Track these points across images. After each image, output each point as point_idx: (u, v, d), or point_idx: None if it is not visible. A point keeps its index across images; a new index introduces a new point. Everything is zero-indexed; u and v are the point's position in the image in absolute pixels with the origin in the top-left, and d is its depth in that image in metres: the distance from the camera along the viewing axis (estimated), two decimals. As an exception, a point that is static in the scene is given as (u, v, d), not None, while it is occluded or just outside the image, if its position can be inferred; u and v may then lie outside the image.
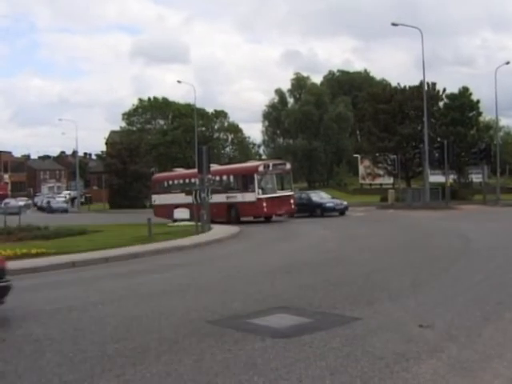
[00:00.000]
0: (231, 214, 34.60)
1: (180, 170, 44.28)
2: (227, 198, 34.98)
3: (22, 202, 72.82)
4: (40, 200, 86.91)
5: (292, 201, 35.40)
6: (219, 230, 26.40)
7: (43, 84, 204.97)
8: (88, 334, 8.06)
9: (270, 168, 35.25)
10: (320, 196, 40.57)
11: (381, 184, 68.88)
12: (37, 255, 17.44)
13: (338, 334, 7.58)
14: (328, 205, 38.14)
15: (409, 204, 43.83)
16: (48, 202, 76.19)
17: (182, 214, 32.69)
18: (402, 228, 26.30)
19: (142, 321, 8.73)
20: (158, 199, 41.15)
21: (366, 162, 67.46)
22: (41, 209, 77.40)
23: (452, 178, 51.53)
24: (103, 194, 76.14)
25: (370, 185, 73.02)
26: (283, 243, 21.79)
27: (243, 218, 34.21)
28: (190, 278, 13.49)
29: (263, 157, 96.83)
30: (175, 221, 32.41)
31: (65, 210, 70.44)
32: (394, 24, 43.47)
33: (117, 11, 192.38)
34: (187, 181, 38.38)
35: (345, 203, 39.03)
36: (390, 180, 63.68)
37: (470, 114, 56.32)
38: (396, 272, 13.00)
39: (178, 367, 6.38)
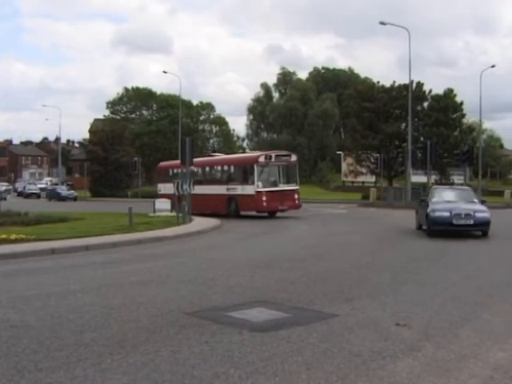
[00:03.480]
0: (231, 208, 32.53)
1: None
2: (227, 189, 32.93)
3: (2, 187, 72.20)
4: (21, 186, 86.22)
5: (296, 196, 32.54)
6: (200, 222, 26.37)
7: (26, 69, 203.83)
8: (66, 321, 8.03)
9: (273, 159, 32.49)
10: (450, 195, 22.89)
11: (363, 182, 69.13)
12: (16, 241, 17.33)
13: (316, 329, 7.61)
14: (437, 214, 20.42)
15: (390, 203, 44.02)
16: (54, 189, 70.07)
17: (163, 204, 32.58)
18: (383, 226, 26.41)
19: (120, 310, 8.71)
20: (164, 188, 38.40)
21: (349, 160, 67.61)
22: (50, 196, 68.05)
23: (434, 178, 51.76)
24: (85, 181, 75.79)
25: (352, 182, 73.27)
26: (265, 237, 21.81)
27: (244, 213, 32.17)
28: (170, 268, 13.47)
29: (247, 150, 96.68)
30: (171, 210, 31.83)
31: (74, 198, 65.52)
32: (382, 23, 43.52)
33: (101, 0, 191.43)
34: (194, 170, 35.87)
35: (484, 215, 20.33)
36: (373, 178, 63.92)
37: (454, 116, 56.64)
38: (376, 270, 13.07)
39: (154, 358, 6.37)
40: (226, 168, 35.30)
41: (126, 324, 7.87)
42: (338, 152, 78.94)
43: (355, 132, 58.11)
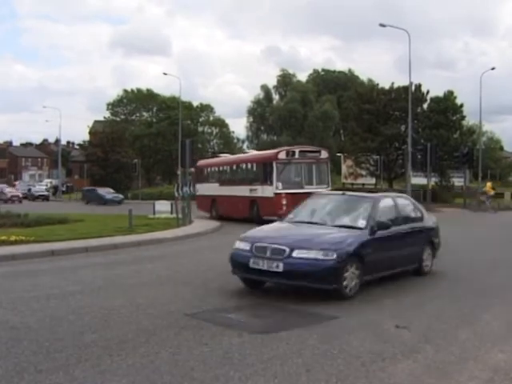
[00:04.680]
0: (253, 212, 28.26)
1: (224, 156, 38.76)
2: (250, 191, 28.80)
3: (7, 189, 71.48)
4: (22, 187, 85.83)
5: None
6: (200, 224, 26.36)
7: (24, 70, 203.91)
8: (65, 323, 8.02)
9: (296, 155, 27.81)
10: None
11: (363, 184, 68.92)
12: (16, 242, 17.30)
13: (315, 331, 7.61)
14: (236, 246, 10.95)
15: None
16: (93, 190, 60.15)
17: (162, 206, 32.53)
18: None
19: (120, 312, 8.70)
20: (201, 189, 34.03)
21: (349, 162, 67.57)
22: (88, 199, 59.25)
23: (434, 180, 51.75)
24: (85, 183, 75.72)
25: (352, 184, 73.03)
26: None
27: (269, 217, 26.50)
28: (170, 270, 13.45)
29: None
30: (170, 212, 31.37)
31: (119, 202, 56.07)
32: (381, 25, 43.49)
33: (99, 1, 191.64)
34: (224, 168, 33.43)
35: (312, 257, 9.71)
36: (373, 180, 63.85)
37: (454, 118, 56.64)
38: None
39: (154, 359, 6.37)
40: (249, 166, 30.93)
41: (125, 325, 7.87)
42: (338, 154, 78.90)
43: (354, 135, 58.09)
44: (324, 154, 28.77)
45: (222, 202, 31.15)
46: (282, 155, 27.63)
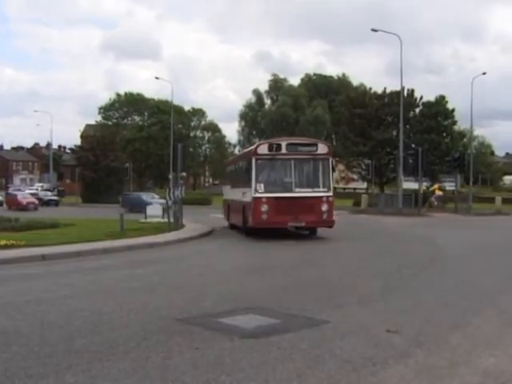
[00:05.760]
0: (243, 219, 23.46)
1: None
2: (243, 194, 23.77)
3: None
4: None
5: (325, 207, 21.62)
6: (192, 229, 26.29)
7: (15, 74, 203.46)
8: (56, 328, 7.98)
9: (283, 150, 21.85)
10: None
11: (354, 188, 69.25)
12: (6, 247, 17.25)
13: (307, 336, 7.59)
14: None
15: (381, 210, 44.05)
16: (134, 194, 53.10)
17: (154, 210, 32.46)
18: (373, 233, 26.41)
19: (110, 316, 8.67)
20: (224, 193, 30.76)
21: (341, 166, 67.81)
22: (129, 205, 48.06)
23: (425, 185, 51.88)
24: (76, 187, 75.50)
25: (344, 189, 73.32)
26: (255, 244, 21.71)
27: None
28: (161, 275, 13.43)
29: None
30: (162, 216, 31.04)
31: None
32: (373, 30, 43.72)
33: (89, 5, 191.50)
34: (232, 168, 29.27)
35: None
36: (364, 185, 64.04)
37: (445, 123, 56.87)
38: (367, 276, 13.08)
39: (145, 364, 6.34)
40: (241, 165, 25.70)
41: (116, 330, 7.83)
42: (330, 158, 79.04)
43: (346, 139, 58.33)
44: (322, 149, 22.48)
45: (231, 207, 27.24)
46: (263, 149, 22.06)
